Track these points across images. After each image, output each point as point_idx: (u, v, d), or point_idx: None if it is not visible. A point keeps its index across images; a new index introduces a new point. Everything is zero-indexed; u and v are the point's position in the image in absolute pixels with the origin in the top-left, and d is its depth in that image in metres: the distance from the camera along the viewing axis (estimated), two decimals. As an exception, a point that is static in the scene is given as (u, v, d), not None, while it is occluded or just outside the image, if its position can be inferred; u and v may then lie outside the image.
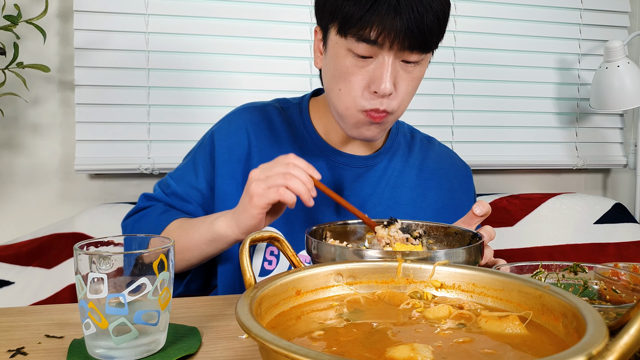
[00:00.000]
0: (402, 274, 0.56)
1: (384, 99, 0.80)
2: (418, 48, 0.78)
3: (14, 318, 0.66)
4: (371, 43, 0.77)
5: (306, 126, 0.96)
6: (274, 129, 0.96)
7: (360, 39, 0.77)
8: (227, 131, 0.95)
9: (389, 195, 0.96)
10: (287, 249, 0.57)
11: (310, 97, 1.00)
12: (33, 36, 1.41)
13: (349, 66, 0.80)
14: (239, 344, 0.59)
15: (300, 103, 0.99)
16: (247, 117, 0.96)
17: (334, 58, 0.82)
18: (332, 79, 0.84)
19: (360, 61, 0.79)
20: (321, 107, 0.97)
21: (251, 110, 0.98)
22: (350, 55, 0.79)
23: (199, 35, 1.52)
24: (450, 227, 0.76)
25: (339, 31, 0.79)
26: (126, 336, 0.53)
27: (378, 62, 0.79)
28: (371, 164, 0.96)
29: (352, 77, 0.80)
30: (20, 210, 1.48)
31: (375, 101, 0.80)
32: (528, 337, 0.45)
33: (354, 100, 0.81)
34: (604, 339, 0.36)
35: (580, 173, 1.92)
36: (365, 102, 0.81)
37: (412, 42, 0.76)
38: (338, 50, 0.80)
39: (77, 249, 0.54)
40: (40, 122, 1.47)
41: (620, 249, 1.58)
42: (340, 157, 0.95)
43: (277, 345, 0.36)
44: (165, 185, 0.96)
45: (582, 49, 1.83)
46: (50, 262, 1.30)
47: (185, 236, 0.85)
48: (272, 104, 1.00)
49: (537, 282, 0.49)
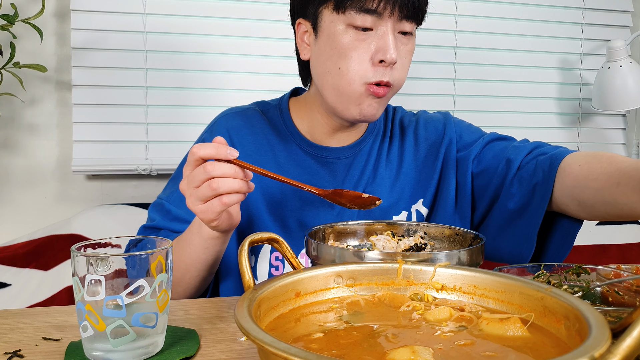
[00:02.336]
0: (402, 276, 0.56)
1: (388, 69, 0.82)
2: (413, 17, 0.82)
3: (10, 320, 0.66)
4: (371, 13, 0.80)
5: (288, 127, 0.96)
6: (256, 133, 0.95)
7: (361, 10, 0.80)
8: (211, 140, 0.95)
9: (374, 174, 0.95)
10: (287, 250, 0.57)
11: (289, 97, 1.00)
12: (30, 36, 1.40)
13: (349, 41, 0.81)
14: (237, 347, 0.59)
15: (279, 104, 0.99)
16: (228, 123, 0.96)
17: (330, 38, 0.83)
18: (330, 60, 0.84)
19: (362, 34, 0.81)
20: (302, 106, 0.97)
21: (231, 117, 0.97)
22: (351, 29, 0.81)
23: (197, 35, 1.51)
24: (452, 228, 0.76)
25: (336, 8, 0.81)
26: (124, 339, 0.52)
27: (379, 33, 0.81)
28: (357, 150, 0.96)
29: (354, 52, 0.82)
30: (16, 212, 1.47)
31: (379, 71, 0.82)
32: (530, 340, 0.45)
33: (357, 74, 0.82)
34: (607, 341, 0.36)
35: (582, 174, 1.92)
36: (370, 74, 0.82)
37: (408, 11, 0.81)
38: (335, 29, 0.82)
39: (75, 250, 0.53)
40: (37, 123, 1.47)
41: (623, 250, 1.58)
42: (327, 152, 0.94)
43: (276, 348, 0.35)
44: (165, 211, 0.92)
45: (585, 49, 1.83)
46: (47, 264, 1.29)
47: (183, 252, 0.83)
48: (251, 108, 0.99)
49: (539, 284, 0.49)
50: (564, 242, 0.85)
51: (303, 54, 0.91)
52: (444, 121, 1.00)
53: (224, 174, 0.70)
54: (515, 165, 0.87)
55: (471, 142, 0.96)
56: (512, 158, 0.88)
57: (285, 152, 0.94)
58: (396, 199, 0.95)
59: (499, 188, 0.89)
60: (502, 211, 0.89)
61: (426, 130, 0.99)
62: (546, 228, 0.87)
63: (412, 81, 1.68)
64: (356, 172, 0.95)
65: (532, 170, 0.84)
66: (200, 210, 0.72)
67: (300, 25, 0.90)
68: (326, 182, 0.94)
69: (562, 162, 0.80)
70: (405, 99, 1.62)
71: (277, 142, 0.95)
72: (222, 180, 0.70)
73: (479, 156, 0.93)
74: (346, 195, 0.74)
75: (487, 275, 0.53)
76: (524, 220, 0.85)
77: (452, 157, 0.96)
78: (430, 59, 1.69)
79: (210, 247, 0.81)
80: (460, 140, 0.97)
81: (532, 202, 0.84)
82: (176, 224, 0.91)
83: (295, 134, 0.95)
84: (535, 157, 0.86)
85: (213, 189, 0.70)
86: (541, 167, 0.83)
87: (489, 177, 0.91)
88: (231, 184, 0.70)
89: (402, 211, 0.95)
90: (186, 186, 0.73)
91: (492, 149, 0.93)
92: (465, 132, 0.98)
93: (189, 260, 0.83)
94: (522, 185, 0.85)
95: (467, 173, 0.93)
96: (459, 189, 0.94)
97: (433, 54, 1.70)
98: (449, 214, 0.94)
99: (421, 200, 0.96)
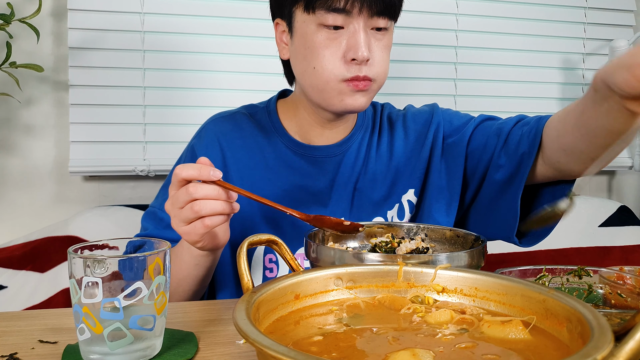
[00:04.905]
0: (403, 278, 0.55)
1: (363, 65, 0.81)
2: (385, 13, 0.81)
3: (6, 323, 0.65)
4: (340, 12, 0.79)
5: (277, 129, 0.96)
6: (245, 137, 0.95)
7: (330, 9, 0.79)
8: (202, 148, 0.95)
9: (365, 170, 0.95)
10: (286, 252, 0.57)
11: (277, 99, 1.00)
12: (26, 35, 1.40)
13: (321, 40, 0.81)
14: (236, 350, 0.58)
15: (267, 107, 0.99)
16: (217, 129, 0.96)
17: (303, 38, 0.83)
18: (305, 60, 0.84)
19: (333, 33, 0.81)
20: (290, 106, 0.97)
21: (220, 121, 0.97)
22: (322, 29, 0.81)
23: (196, 34, 1.50)
24: (452, 230, 0.75)
25: (306, 8, 0.81)
26: (121, 341, 0.52)
27: (350, 31, 0.81)
28: (346, 147, 0.96)
29: (326, 51, 0.81)
30: (13, 213, 1.46)
31: (354, 68, 0.81)
32: (531, 343, 0.45)
33: (332, 72, 0.82)
34: (609, 344, 0.36)
35: (585, 175, 1.91)
36: (344, 71, 0.81)
37: (379, 8, 0.80)
38: (307, 28, 0.82)
39: (71, 252, 0.53)
40: (33, 123, 1.46)
41: (626, 252, 1.57)
42: (316, 151, 0.94)
43: (276, 351, 0.35)
44: (158, 220, 0.92)
45: (587, 49, 1.81)
46: (43, 266, 1.29)
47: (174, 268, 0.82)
48: (239, 112, 0.99)
49: (541, 286, 0.49)
50: None
51: (282, 54, 0.91)
52: (431, 111, 1.00)
53: (207, 195, 0.69)
54: (503, 138, 0.89)
55: (462, 125, 0.96)
56: (498, 132, 0.90)
57: (274, 153, 0.94)
58: (388, 192, 0.95)
59: (488, 162, 0.90)
60: (491, 183, 0.90)
61: (414, 122, 0.99)
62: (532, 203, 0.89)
63: (412, 81, 1.68)
64: (346, 168, 0.95)
65: (517, 140, 0.85)
66: (184, 232, 0.72)
67: (278, 25, 0.90)
68: (317, 180, 0.94)
69: (545, 124, 0.81)
70: (405, 99, 1.61)
71: (266, 145, 0.95)
72: (204, 202, 0.68)
73: (472, 136, 0.94)
74: (327, 221, 0.74)
75: (488, 278, 0.53)
76: (511, 191, 0.86)
77: (439, 141, 0.96)
78: (431, 58, 1.69)
79: (200, 264, 0.81)
80: (450, 126, 0.97)
81: (518, 173, 0.84)
82: (170, 231, 0.89)
83: (283, 135, 0.95)
84: (520, 128, 0.87)
85: (195, 211, 0.68)
86: (526, 136, 0.84)
87: (479, 155, 0.92)
88: (214, 206, 0.69)
89: (395, 204, 0.96)
90: (170, 207, 0.73)
91: (483, 129, 0.94)
92: (454, 118, 0.99)
93: (180, 275, 0.83)
94: (509, 155, 0.86)
95: (461, 155, 0.94)
96: (450, 173, 0.95)
97: (434, 54, 1.69)
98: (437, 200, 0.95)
99: (412, 190, 0.96)
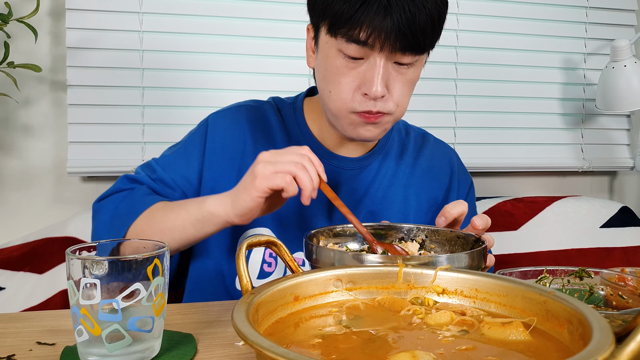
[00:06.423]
0: (402, 280, 0.55)
1: (377, 101, 0.78)
2: (410, 49, 0.76)
3: (4, 325, 0.65)
4: (361, 44, 0.75)
5: (300, 127, 0.95)
6: (269, 129, 0.95)
7: (350, 40, 0.75)
8: (223, 126, 0.93)
9: (383, 195, 0.95)
10: (285, 253, 0.56)
11: (304, 96, 0.99)
12: (24, 35, 1.39)
13: (339, 67, 0.78)
14: (235, 352, 0.58)
15: (294, 103, 0.98)
16: (245, 115, 0.95)
17: (324, 58, 0.81)
18: (323, 80, 0.83)
19: (351, 62, 0.77)
20: (315, 107, 0.95)
21: (248, 109, 0.96)
22: (341, 55, 0.78)
23: (195, 34, 1.50)
24: (453, 231, 0.75)
25: (329, 31, 0.77)
26: (119, 343, 0.52)
27: (369, 64, 0.77)
28: (364, 164, 0.95)
29: (342, 79, 0.79)
30: (10, 214, 1.46)
31: (368, 103, 0.78)
32: (532, 344, 0.44)
33: (344, 103, 0.80)
34: (610, 346, 0.36)
35: (586, 175, 1.89)
36: (356, 104, 0.79)
37: (403, 44, 0.74)
38: (328, 51, 0.79)
39: (70, 253, 0.53)
40: (31, 124, 1.45)
41: (627, 253, 1.56)
42: (334, 160, 0.94)
43: (275, 353, 0.35)
44: (151, 170, 0.92)
45: (588, 48, 1.81)
46: (41, 267, 1.28)
47: (170, 214, 0.80)
48: (268, 102, 0.99)
49: (542, 288, 0.49)
50: None
51: (308, 62, 0.89)
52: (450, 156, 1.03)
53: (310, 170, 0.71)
54: None
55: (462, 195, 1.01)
56: None
57: None
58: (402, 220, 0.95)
59: None
60: None
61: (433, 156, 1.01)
62: None
63: (412, 81, 1.68)
64: (361, 187, 0.94)
65: None
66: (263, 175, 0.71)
67: (309, 31, 0.87)
68: None
69: None
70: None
71: (287, 141, 0.94)
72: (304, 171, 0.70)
73: None
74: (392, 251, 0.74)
75: (488, 279, 0.52)
76: None
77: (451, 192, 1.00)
78: (431, 58, 1.68)
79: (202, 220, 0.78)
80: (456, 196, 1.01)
81: None
82: (158, 184, 0.90)
83: (306, 134, 0.94)
84: None
85: (295, 168, 0.70)
86: None
87: None
88: (307, 180, 0.70)
89: None
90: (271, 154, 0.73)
91: None
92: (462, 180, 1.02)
93: (170, 224, 0.80)
94: None
95: None
96: None
97: (434, 54, 1.67)
98: None
99: None
